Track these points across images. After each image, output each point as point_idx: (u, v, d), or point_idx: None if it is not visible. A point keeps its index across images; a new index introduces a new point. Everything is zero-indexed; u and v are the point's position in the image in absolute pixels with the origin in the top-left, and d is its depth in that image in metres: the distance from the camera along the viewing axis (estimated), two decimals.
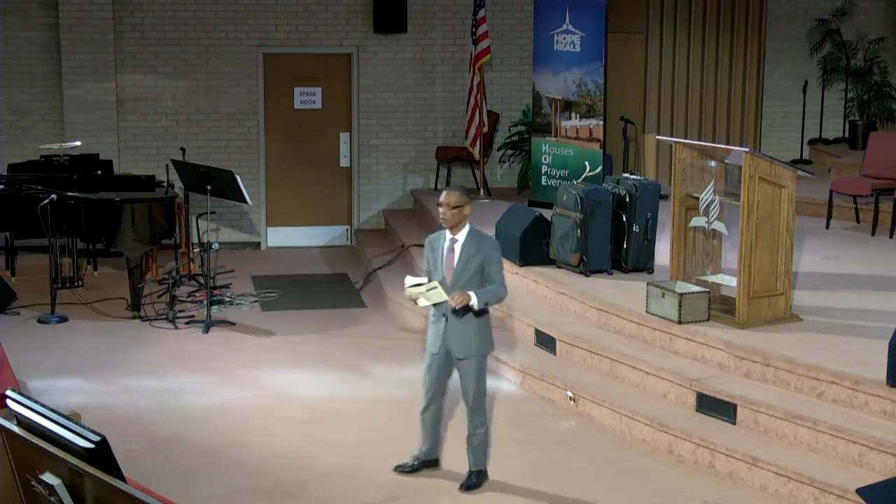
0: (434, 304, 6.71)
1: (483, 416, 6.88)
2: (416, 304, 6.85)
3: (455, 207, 6.64)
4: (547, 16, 11.85)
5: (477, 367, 6.80)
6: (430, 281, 6.72)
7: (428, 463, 7.14)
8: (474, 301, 6.59)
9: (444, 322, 6.73)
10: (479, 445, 6.90)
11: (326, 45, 13.46)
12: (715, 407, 7.41)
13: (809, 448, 6.86)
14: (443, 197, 6.70)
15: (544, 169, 12.04)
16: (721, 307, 8.21)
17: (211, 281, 10.73)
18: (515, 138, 13.48)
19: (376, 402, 8.47)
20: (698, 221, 8.34)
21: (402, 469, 7.10)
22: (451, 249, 6.70)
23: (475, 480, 6.90)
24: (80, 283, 11.07)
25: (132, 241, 10.42)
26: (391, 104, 13.62)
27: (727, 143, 12.57)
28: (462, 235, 6.68)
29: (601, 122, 11.55)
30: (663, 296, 8.18)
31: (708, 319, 8.10)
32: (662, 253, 9.34)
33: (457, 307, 6.58)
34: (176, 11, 13.11)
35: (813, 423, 6.85)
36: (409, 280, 6.81)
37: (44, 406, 3.91)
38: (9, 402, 4.03)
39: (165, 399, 8.47)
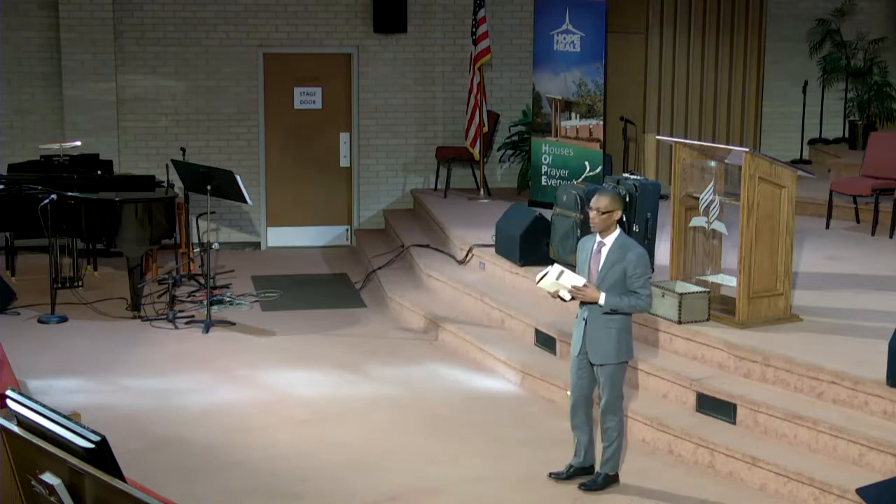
0: (580, 305, 6.64)
1: (615, 421, 6.75)
2: (560, 299, 6.70)
3: (605, 213, 6.54)
4: (547, 16, 11.85)
5: (612, 373, 6.67)
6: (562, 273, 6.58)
7: (583, 470, 6.94)
8: (602, 300, 6.50)
9: (584, 325, 6.67)
10: (607, 448, 6.81)
11: (326, 45, 13.46)
12: (715, 407, 7.41)
13: (809, 448, 6.86)
14: (593, 201, 6.61)
15: (544, 169, 12.03)
16: (721, 307, 8.21)
17: (211, 281, 10.73)
18: (515, 138, 13.48)
19: (376, 402, 8.47)
20: (698, 221, 8.34)
21: (556, 476, 6.96)
22: (598, 252, 6.63)
23: (596, 482, 6.83)
24: (80, 283, 11.07)
25: (132, 241, 10.42)
26: (391, 104, 13.62)
27: (727, 143, 12.57)
28: (610, 240, 6.59)
29: (601, 122, 11.55)
30: (663, 296, 8.18)
31: (708, 319, 8.10)
32: (662, 253, 9.34)
33: (579, 297, 6.52)
34: (176, 11, 13.11)
35: (813, 423, 6.85)
36: (541, 277, 6.68)
37: (44, 406, 3.91)
38: (9, 402, 4.02)
39: (165, 399, 8.47)
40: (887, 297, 8.76)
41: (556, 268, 6.62)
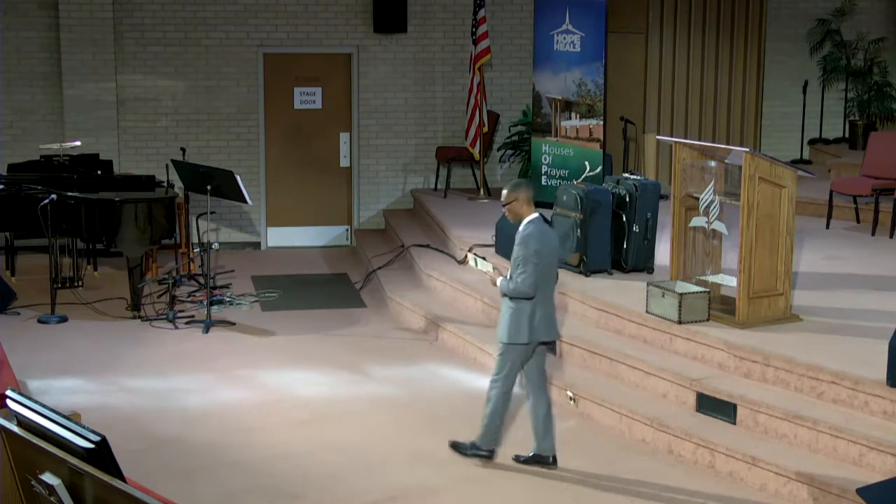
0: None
1: (492, 392, 7.06)
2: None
3: (505, 205, 6.95)
4: (547, 16, 11.85)
5: (502, 351, 7.02)
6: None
7: (539, 459, 7.14)
8: (499, 285, 6.94)
9: None
10: (483, 418, 7.11)
11: (326, 45, 13.46)
12: (715, 407, 7.41)
13: (809, 448, 6.86)
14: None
15: (544, 169, 12.04)
16: (721, 307, 8.21)
17: (211, 281, 10.73)
18: (515, 138, 13.48)
19: (376, 402, 8.47)
20: (698, 221, 8.34)
21: (516, 459, 7.20)
22: (516, 238, 6.98)
23: (465, 446, 7.19)
24: (80, 283, 11.07)
25: (132, 241, 10.42)
26: (391, 104, 13.63)
27: (727, 143, 12.57)
28: (522, 225, 6.91)
29: (601, 122, 11.55)
30: (663, 296, 8.18)
31: (708, 319, 8.10)
32: (662, 253, 9.34)
33: (492, 281, 7.07)
34: (176, 11, 13.12)
35: (813, 423, 6.85)
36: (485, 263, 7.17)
37: (44, 406, 3.91)
38: (9, 402, 4.03)
39: (165, 399, 8.48)
40: (887, 297, 8.76)
41: (471, 256, 7.28)
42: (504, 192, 7.00)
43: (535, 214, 6.90)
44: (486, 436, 7.14)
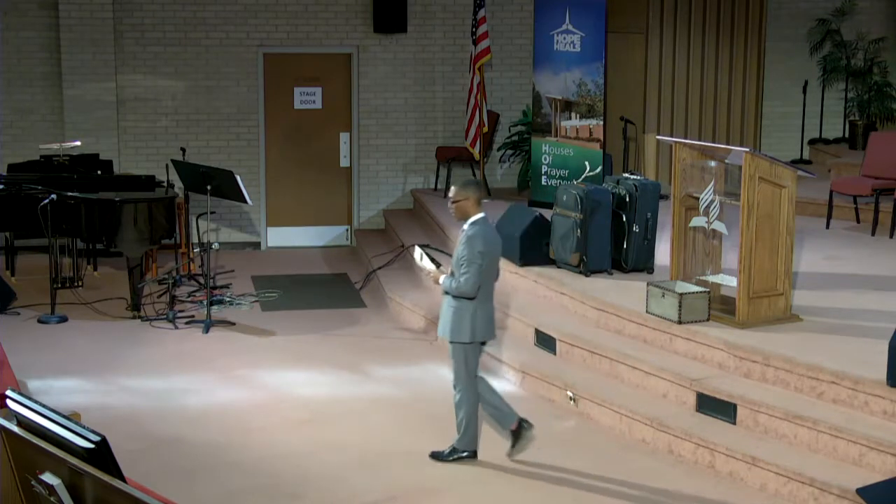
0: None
1: (458, 397, 7.13)
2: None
3: (454, 202, 7.04)
4: (547, 16, 11.85)
5: (452, 351, 7.10)
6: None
7: (515, 435, 7.21)
8: (441, 283, 7.01)
9: None
10: (458, 424, 7.15)
11: (326, 45, 13.46)
12: (715, 407, 7.41)
13: (809, 448, 6.86)
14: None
15: (544, 169, 12.03)
16: (721, 307, 8.21)
17: (211, 281, 10.73)
18: (515, 138, 13.48)
19: (376, 402, 8.47)
20: (698, 221, 8.34)
21: (510, 455, 7.25)
22: (460, 237, 7.03)
23: (443, 453, 7.21)
24: (80, 283, 11.07)
25: (132, 241, 10.42)
26: (391, 104, 13.62)
27: (727, 143, 12.57)
28: (467, 225, 6.96)
29: (601, 122, 11.54)
30: (663, 296, 8.18)
31: (708, 319, 8.10)
32: (662, 253, 9.34)
33: (428, 277, 7.19)
34: (176, 11, 13.12)
35: (813, 423, 6.85)
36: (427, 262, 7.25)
37: (44, 406, 3.91)
38: (9, 402, 4.03)
39: (165, 399, 8.48)
40: (887, 297, 8.76)
41: (417, 250, 7.35)
42: (453, 188, 7.06)
43: (481, 214, 6.98)
44: (466, 438, 7.18)
